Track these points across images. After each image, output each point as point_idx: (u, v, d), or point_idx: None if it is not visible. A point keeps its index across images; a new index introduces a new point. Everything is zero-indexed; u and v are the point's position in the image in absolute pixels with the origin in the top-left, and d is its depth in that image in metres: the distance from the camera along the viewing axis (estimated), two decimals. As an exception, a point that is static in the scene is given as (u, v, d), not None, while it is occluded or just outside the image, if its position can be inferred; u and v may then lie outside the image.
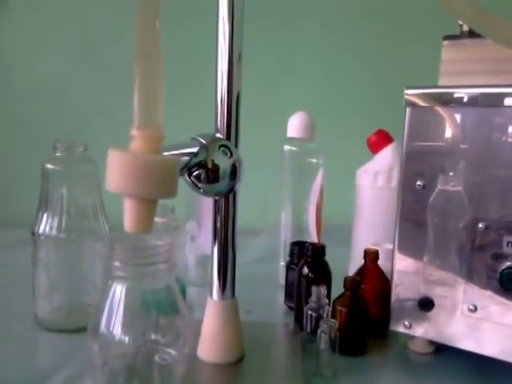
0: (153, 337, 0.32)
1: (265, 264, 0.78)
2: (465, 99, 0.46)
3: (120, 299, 0.32)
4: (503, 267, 0.44)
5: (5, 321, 0.57)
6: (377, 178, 0.65)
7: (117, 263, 0.32)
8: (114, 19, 1.04)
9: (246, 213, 0.48)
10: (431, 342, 0.51)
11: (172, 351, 0.32)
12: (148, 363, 0.32)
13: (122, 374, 0.32)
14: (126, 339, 0.31)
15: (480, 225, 0.45)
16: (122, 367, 0.32)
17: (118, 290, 0.32)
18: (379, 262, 0.56)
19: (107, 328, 0.31)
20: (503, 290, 0.44)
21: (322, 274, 0.56)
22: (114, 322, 0.31)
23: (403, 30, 1.04)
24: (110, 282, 0.32)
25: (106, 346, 0.31)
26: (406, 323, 0.50)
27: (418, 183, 0.48)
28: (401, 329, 0.50)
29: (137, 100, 0.33)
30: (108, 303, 0.32)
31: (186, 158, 0.39)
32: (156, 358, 0.32)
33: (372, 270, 0.56)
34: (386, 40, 1.06)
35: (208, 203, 0.49)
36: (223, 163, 0.41)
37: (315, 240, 0.70)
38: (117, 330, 0.31)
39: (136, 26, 0.33)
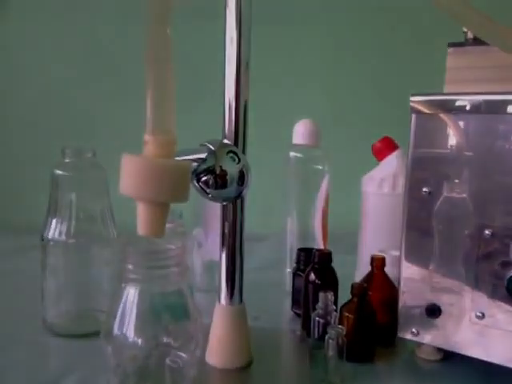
0: (165, 340, 0.32)
1: (270, 270, 0.77)
2: (469, 106, 0.46)
3: (133, 302, 0.32)
4: (511, 274, 0.44)
5: (13, 325, 0.57)
6: (382, 184, 0.66)
7: (130, 266, 0.32)
8: (116, 20, 1.05)
9: (250, 219, 0.49)
10: (439, 350, 0.51)
11: (183, 354, 0.33)
12: (159, 366, 0.32)
13: (133, 376, 0.32)
14: (139, 342, 0.31)
15: (486, 232, 0.45)
16: (134, 369, 0.32)
17: (131, 293, 0.32)
18: (385, 269, 0.56)
19: (120, 330, 0.32)
20: (511, 298, 0.44)
21: (329, 281, 0.56)
22: (127, 325, 0.32)
23: (409, 36, 1.04)
24: (123, 285, 0.33)
25: (119, 348, 0.32)
26: (414, 330, 0.50)
27: (424, 190, 0.48)
28: (408, 336, 0.50)
29: (149, 106, 0.33)
30: (121, 306, 0.32)
31: (195, 163, 0.40)
32: (167, 361, 0.32)
33: (379, 276, 0.55)
34: (391, 46, 1.07)
35: (214, 210, 0.49)
36: (231, 169, 0.42)
37: (321, 246, 0.70)
38: (130, 332, 0.32)
39: (147, 33, 0.34)
